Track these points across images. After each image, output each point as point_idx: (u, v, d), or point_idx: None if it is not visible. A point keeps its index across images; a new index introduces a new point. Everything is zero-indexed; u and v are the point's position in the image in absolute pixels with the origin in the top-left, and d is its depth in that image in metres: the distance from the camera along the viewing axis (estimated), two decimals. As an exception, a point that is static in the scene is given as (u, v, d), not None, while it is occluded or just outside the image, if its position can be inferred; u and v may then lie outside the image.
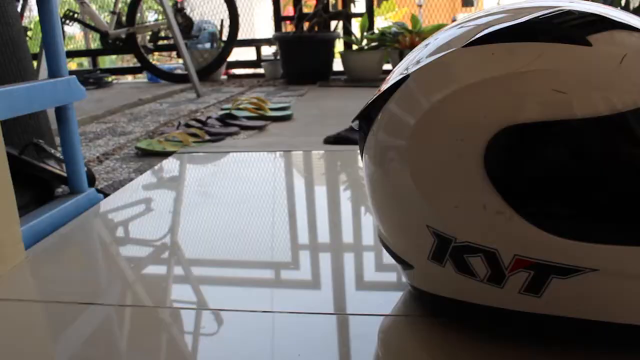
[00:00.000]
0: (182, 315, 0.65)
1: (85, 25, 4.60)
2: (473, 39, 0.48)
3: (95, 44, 5.33)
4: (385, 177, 0.52)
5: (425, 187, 0.48)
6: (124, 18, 4.41)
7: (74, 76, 1.04)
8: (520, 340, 0.51)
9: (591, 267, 0.44)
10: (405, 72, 0.51)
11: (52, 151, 1.20)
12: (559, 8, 0.48)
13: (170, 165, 1.39)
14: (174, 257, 0.85)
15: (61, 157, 1.13)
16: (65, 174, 1.11)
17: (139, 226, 0.97)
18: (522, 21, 0.47)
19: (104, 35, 4.40)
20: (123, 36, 4.40)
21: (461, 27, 0.51)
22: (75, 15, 4.46)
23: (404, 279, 0.59)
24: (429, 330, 0.56)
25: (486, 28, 0.48)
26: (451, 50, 0.49)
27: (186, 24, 4.39)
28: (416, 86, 0.50)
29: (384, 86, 0.54)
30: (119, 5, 4.38)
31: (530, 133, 0.43)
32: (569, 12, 0.47)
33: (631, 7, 3.19)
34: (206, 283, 0.74)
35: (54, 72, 1.02)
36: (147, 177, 1.34)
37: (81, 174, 1.08)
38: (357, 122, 0.57)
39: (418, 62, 0.51)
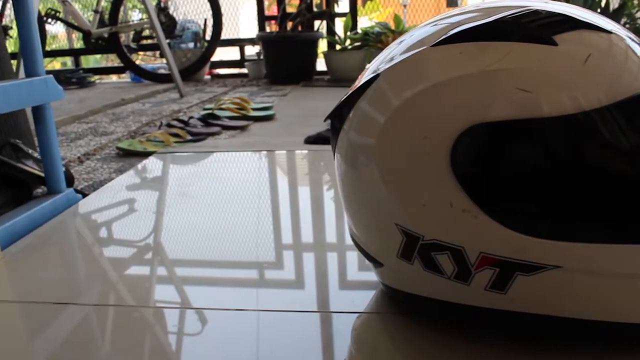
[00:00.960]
0: (165, 314, 0.64)
1: (67, 24, 4.57)
2: (441, 38, 0.49)
3: (78, 44, 5.29)
4: (356, 175, 0.53)
5: (393, 186, 0.49)
6: (107, 17, 4.39)
7: (51, 76, 1.04)
8: (489, 337, 0.52)
9: (554, 265, 0.45)
10: (378, 70, 0.52)
11: (30, 151, 1.19)
12: (526, 8, 0.48)
13: (150, 166, 1.38)
14: (156, 257, 0.84)
15: (39, 157, 1.13)
16: (43, 174, 1.10)
17: (118, 226, 0.97)
18: (489, 21, 0.48)
19: (86, 35, 4.37)
20: (106, 35, 4.38)
21: (435, 24, 0.52)
22: (58, 14, 4.44)
23: (375, 277, 0.59)
24: (399, 327, 0.56)
25: (457, 27, 0.49)
26: (421, 49, 0.49)
27: (169, 24, 4.37)
28: (386, 85, 0.51)
29: (357, 84, 0.54)
30: (102, 4, 4.36)
31: (495, 132, 0.44)
32: (536, 12, 0.48)
33: (611, 8, 3.22)
34: (189, 283, 0.74)
35: (30, 72, 1.02)
36: (126, 177, 1.34)
37: (59, 174, 1.07)
38: (329, 121, 0.57)
39: (391, 59, 0.51)
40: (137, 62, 4.74)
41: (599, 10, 3.19)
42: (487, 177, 0.45)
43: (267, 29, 4.62)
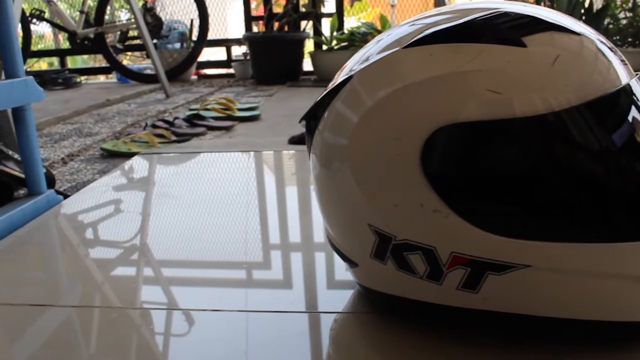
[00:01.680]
0: (152, 315, 0.64)
1: (52, 24, 4.55)
2: (413, 39, 0.49)
3: (65, 44, 5.27)
4: (329, 175, 0.53)
5: (365, 186, 0.49)
6: (92, 17, 4.37)
7: (32, 77, 1.03)
8: (463, 336, 0.52)
9: (524, 264, 0.45)
10: (352, 70, 0.52)
11: (11, 153, 1.19)
12: (497, 10, 0.49)
13: (134, 166, 1.38)
14: (142, 257, 0.84)
15: (20, 158, 1.12)
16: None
17: (100, 227, 0.96)
18: (460, 22, 0.48)
19: (72, 35, 4.35)
20: (91, 36, 4.36)
21: (413, 24, 0.52)
22: (43, 14, 4.41)
23: (350, 277, 0.60)
24: (375, 327, 0.57)
25: (431, 27, 0.49)
26: (394, 50, 0.50)
27: (155, 24, 4.36)
28: (359, 85, 0.51)
29: (332, 84, 0.54)
30: (87, 4, 4.34)
31: (465, 132, 0.45)
32: (506, 14, 0.48)
33: (594, 8, 3.24)
34: (176, 284, 0.73)
35: (10, 73, 1.01)
36: (109, 178, 1.33)
37: (39, 176, 1.07)
38: (304, 122, 0.58)
39: (367, 59, 0.52)
40: (126, 62, 4.73)
41: (582, 10, 3.21)
42: (457, 178, 0.45)
43: (255, 29, 4.62)
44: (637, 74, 0.50)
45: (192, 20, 4.54)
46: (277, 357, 0.54)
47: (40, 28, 5.41)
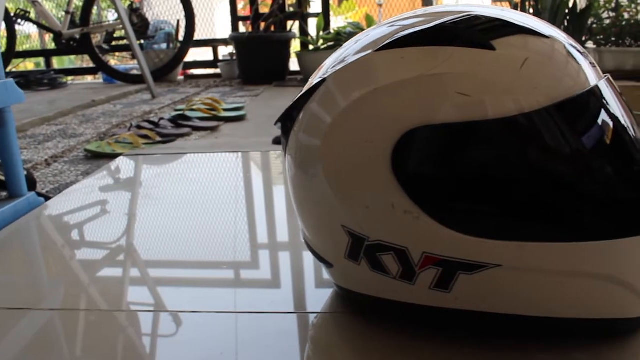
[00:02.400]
0: (139, 317, 0.64)
1: (37, 24, 4.52)
2: (385, 43, 0.49)
3: (51, 44, 5.24)
4: (304, 177, 0.53)
5: (338, 188, 0.50)
6: (78, 18, 4.35)
7: (12, 79, 1.03)
8: (437, 334, 0.53)
9: (494, 263, 0.46)
10: (328, 72, 0.53)
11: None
12: (467, 13, 0.49)
13: (117, 168, 1.37)
14: (128, 259, 0.83)
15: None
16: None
17: (82, 229, 0.96)
18: (430, 26, 0.49)
19: (57, 36, 4.33)
20: (77, 36, 4.34)
21: (392, 25, 0.53)
22: (28, 15, 4.39)
23: (327, 277, 0.60)
24: (352, 326, 0.57)
25: (406, 30, 0.50)
26: (367, 52, 0.50)
27: (142, 24, 4.35)
28: (333, 87, 0.51)
29: (308, 85, 0.55)
30: (73, 5, 4.32)
31: (434, 135, 0.45)
32: (476, 18, 0.49)
33: (578, 8, 3.26)
34: (162, 285, 0.73)
35: (-11, 75, 1.01)
36: (92, 179, 1.33)
37: (20, 178, 1.06)
38: (279, 124, 0.58)
39: (343, 60, 0.52)
40: (113, 62, 4.70)
41: (566, 10, 3.23)
42: (427, 179, 0.46)
43: (243, 29, 4.61)
44: (606, 76, 0.51)
45: (178, 21, 4.53)
46: (264, 358, 0.54)
47: (26, 28, 5.38)
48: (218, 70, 4.69)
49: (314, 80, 0.54)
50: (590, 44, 3.33)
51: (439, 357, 0.51)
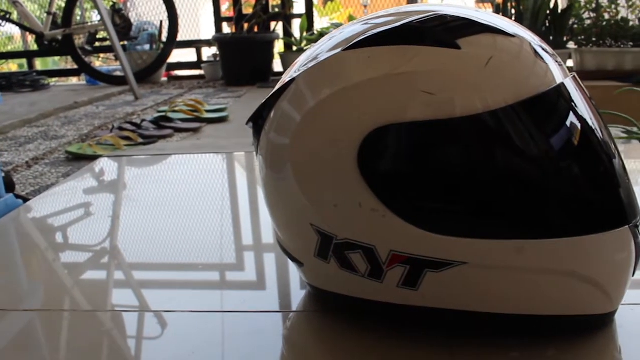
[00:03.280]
0: (124, 318, 0.63)
1: (18, 25, 4.49)
2: (353, 42, 0.50)
3: (34, 46, 5.20)
4: (274, 176, 0.54)
5: (306, 187, 0.50)
6: (60, 19, 4.32)
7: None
8: (408, 332, 0.53)
9: (460, 261, 0.46)
10: (299, 70, 0.53)
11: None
12: (434, 12, 0.50)
13: (97, 169, 1.36)
14: (112, 261, 0.82)
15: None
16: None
17: (62, 230, 0.95)
18: (397, 25, 0.49)
19: (39, 37, 4.30)
20: (59, 37, 4.31)
21: (365, 23, 0.53)
22: (9, 16, 4.35)
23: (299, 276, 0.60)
24: (325, 325, 0.57)
25: (378, 28, 0.50)
26: (336, 51, 0.50)
27: (124, 25, 4.33)
28: (303, 86, 0.51)
29: (280, 83, 0.55)
30: (55, 5, 4.29)
31: (399, 133, 0.45)
32: (442, 17, 0.49)
33: (559, 9, 3.29)
34: (147, 287, 0.72)
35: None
36: (71, 181, 1.32)
37: (-4, 180, 1.06)
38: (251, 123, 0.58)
39: (316, 57, 0.52)
40: (98, 64, 4.68)
41: (548, 11, 3.26)
42: (393, 177, 0.46)
43: (228, 30, 4.60)
44: (572, 74, 0.51)
45: (161, 22, 4.51)
46: (238, 357, 0.54)
47: (9, 29, 5.33)
48: (202, 72, 4.68)
49: (285, 78, 0.54)
50: (571, 45, 3.36)
51: (412, 355, 0.51)
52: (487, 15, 0.51)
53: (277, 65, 4.26)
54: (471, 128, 0.45)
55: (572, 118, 0.48)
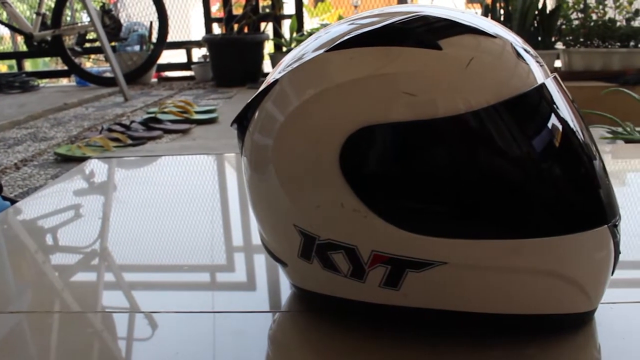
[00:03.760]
0: (113, 319, 0.63)
1: (7, 26, 4.47)
2: (336, 43, 0.50)
3: (24, 46, 5.17)
4: (258, 177, 0.54)
5: (289, 187, 0.50)
6: (49, 20, 4.30)
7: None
8: (391, 331, 0.53)
9: (441, 261, 0.46)
10: (284, 70, 0.53)
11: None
12: (416, 13, 0.50)
13: (85, 171, 1.36)
14: (99, 263, 0.82)
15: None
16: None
17: (50, 232, 0.94)
18: (379, 26, 0.49)
19: (28, 38, 4.28)
20: (49, 38, 4.29)
21: (351, 23, 0.53)
22: (-4, 17, 4.33)
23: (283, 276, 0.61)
24: (310, 325, 0.57)
25: (363, 28, 0.50)
26: (320, 52, 0.51)
27: (114, 26, 4.32)
28: (286, 86, 0.52)
29: (265, 83, 0.55)
30: (44, 6, 4.27)
31: (380, 134, 0.46)
32: (424, 18, 0.49)
33: (547, 9, 3.30)
34: (137, 288, 0.72)
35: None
36: (59, 183, 1.32)
37: (-17, 181, 1.05)
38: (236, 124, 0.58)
39: (301, 57, 0.52)
40: (89, 65, 4.66)
41: (536, 12, 3.27)
42: (374, 178, 0.47)
43: (220, 31, 4.59)
44: (553, 75, 0.52)
45: (151, 22, 4.50)
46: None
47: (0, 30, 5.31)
48: (192, 73, 4.67)
49: (270, 78, 0.55)
50: (559, 45, 3.38)
51: (396, 354, 0.52)
52: (469, 17, 0.51)
53: (267, 66, 4.26)
54: (452, 129, 0.46)
55: (553, 118, 0.49)
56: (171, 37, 4.36)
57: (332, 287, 0.52)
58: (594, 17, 3.29)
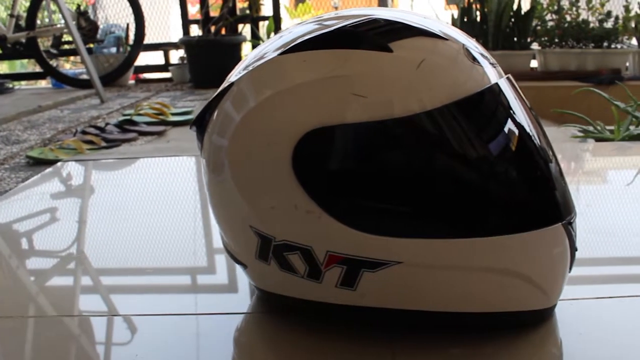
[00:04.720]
0: (92, 323, 0.62)
1: (-22, 28, 4.41)
2: (290, 46, 0.50)
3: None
4: (215, 178, 0.54)
5: (244, 189, 0.50)
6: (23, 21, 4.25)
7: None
8: (351, 332, 0.54)
9: (395, 260, 0.47)
10: (242, 72, 0.53)
11: None
12: (368, 16, 0.50)
13: (57, 173, 1.35)
14: (79, 266, 0.81)
15: None
16: None
17: (22, 237, 0.93)
18: (332, 30, 0.50)
19: (2, 39, 4.22)
20: (23, 40, 4.24)
21: (317, 23, 0.53)
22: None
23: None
24: (269, 326, 0.58)
25: (325, 29, 0.50)
26: (275, 55, 0.51)
27: (90, 28, 4.27)
28: (243, 88, 0.52)
29: (224, 84, 0.55)
30: (17, 8, 4.22)
31: (331, 136, 0.46)
32: (376, 21, 0.50)
33: (522, 10, 3.33)
34: (116, 292, 0.71)
35: None
36: (31, 187, 1.30)
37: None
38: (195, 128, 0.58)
39: (262, 57, 0.52)
40: (68, 67, 4.61)
41: (511, 13, 3.30)
42: (326, 179, 0.47)
43: (200, 33, 4.56)
44: (506, 75, 0.52)
45: (128, 24, 4.47)
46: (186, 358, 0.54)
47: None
48: (169, 74, 4.64)
49: (230, 78, 0.55)
50: (535, 45, 3.41)
51: (354, 352, 0.52)
52: (425, 20, 0.52)
53: (245, 68, 4.24)
54: (403, 129, 0.46)
55: (506, 117, 0.50)
56: (151, 39, 4.33)
57: (290, 288, 0.52)
58: (568, 18, 3.32)
